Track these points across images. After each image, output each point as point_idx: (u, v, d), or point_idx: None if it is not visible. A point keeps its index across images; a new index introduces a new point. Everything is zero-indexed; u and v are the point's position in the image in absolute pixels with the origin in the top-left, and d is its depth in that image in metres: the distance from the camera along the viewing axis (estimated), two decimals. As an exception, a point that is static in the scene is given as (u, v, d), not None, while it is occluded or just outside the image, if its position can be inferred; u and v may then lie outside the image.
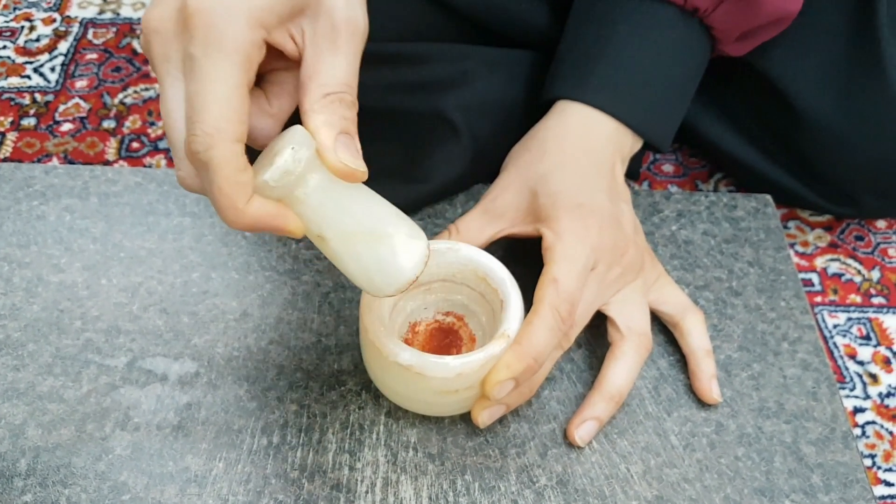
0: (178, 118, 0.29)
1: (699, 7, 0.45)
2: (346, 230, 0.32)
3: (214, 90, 0.28)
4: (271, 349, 0.45)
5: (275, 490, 0.40)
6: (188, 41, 0.28)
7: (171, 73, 0.28)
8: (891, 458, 0.51)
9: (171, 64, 0.28)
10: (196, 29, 0.28)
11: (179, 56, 0.28)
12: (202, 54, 0.28)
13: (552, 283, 0.39)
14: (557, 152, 0.44)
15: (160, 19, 0.29)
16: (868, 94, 0.52)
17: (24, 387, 0.43)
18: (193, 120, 0.27)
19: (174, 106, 0.28)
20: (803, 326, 0.48)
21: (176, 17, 0.28)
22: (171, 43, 0.28)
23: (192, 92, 0.28)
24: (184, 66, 0.28)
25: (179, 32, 0.28)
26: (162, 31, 0.29)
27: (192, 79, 0.28)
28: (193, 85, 0.28)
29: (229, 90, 0.28)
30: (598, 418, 0.42)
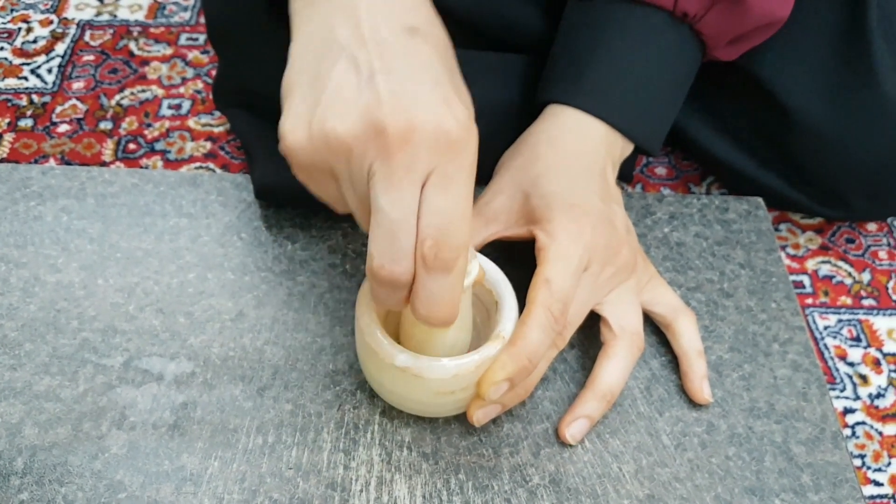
0: (412, 223, 0.31)
1: (689, 12, 0.46)
2: (462, 324, 0.40)
3: (467, 209, 0.32)
4: (267, 349, 0.46)
5: (270, 489, 0.40)
6: (446, 161, 0.31)
7: (413, 183, 0.31)
8: (880, 459, 0.52)
9: (415, 175, 0.31)
10: (457, 152, 0.31)
11: (427, 169, 0.31)
12: (459, 175, 0.31)
13: (545, 284, 0.39)
14: (549, 155, 0.44)
15: (413, 130, 0.30)
16: (858, 96, 0.53)
17: (21, 386, 0.43)
18: (447, 231, 0.31)
19: (409, 211, 0.31)
20: (794, 328, 0.49)
21: (432, 134, 0.31)
22: (421, 157, 0.31)
23: (445, 207, 0.31)
24: (432, 180, 0.31)
25: (434, 149, 0.31)
26: (414, 143, 0.30)
27: (446, 195, 0.31)
28: (447, 201, 0.31)
29: (470, 211, 0.32)
30: (590, 417, 0.42)
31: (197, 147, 0.64)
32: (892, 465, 0.51)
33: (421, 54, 0.32)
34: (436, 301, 0.33)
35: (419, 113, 0.31)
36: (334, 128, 0.31)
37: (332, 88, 0.31)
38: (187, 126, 0.65)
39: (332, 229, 0.52)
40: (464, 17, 0.53)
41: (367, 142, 0.31)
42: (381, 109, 0.30)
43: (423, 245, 0.31)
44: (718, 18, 0.46)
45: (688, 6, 0.45)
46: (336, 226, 0.52)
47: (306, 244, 0.51)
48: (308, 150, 0.32)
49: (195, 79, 0.69)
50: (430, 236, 0.31)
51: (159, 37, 0.73)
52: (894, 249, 0.62)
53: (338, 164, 0.32)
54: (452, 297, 0.33)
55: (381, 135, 0.30)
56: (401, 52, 0.32)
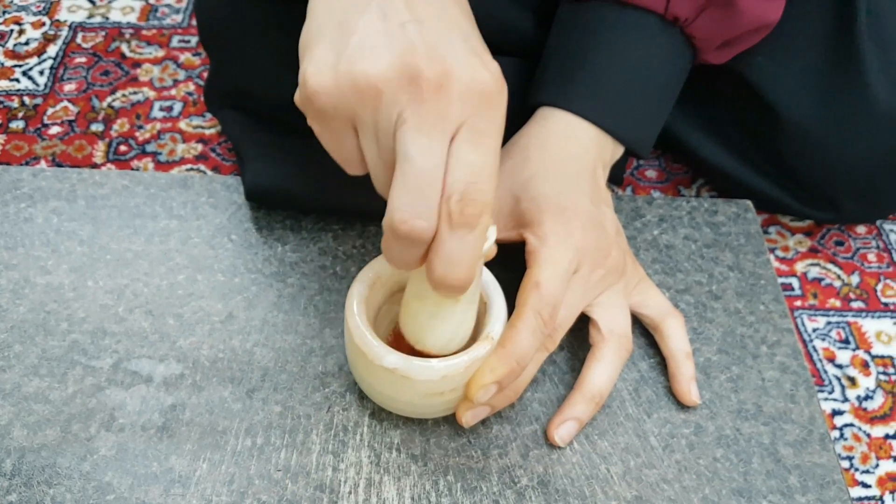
0: (439, 175, 0.30)
1: (680, 16, 0.46)
2: (472, 299, 0.38)
3: (496, 167, 0.31)
4: (256, 351, 0.46)
5: (258, 490, 0.40)
6: (479, 115, 0.30)
7: (444, 133, 0.30)
8: (868, 461, 0.52)
9: (447, 125, 0.30)
10: (491, 107, 0.30)
11: (459, 120, 0.30)
12: (491, 131, 0.30)
13: (535, 287, 0.39)
14: (540, 158, 0.45)
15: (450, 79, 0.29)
16: (848, 99, 0.53)
17: (10, 388, 0.43)
18: (475, 186, 0.30)
19: (438, 162, 0.30)
20: (782, 330, 0.49)
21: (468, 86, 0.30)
22: (454, 107, 0.30)
23: (476, 162, 0.30)
24: (463, 133, 0.30)
25: (468, 101, 0.30)
26: (450, 92, 0.29)
27: (477, 149, 0.30)
28: (477, 156, 0.30)
29: (497, 169, 0.31)
30: (578, 419, 0.42)
31: (188, 149, 0.64)
32: (880, 466, 0.52)
33: (448, 10, 0.32)
34: (456, 260, 0.31)
35: (454, 62, 0.29)
36: (365, 69, 0.29)
37: (362, 34, 0.30)
38: (179, 128, 0.65)
39: (322, 231, 0.52)
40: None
41: (400, 86, 0.29)
42: (416, 54, 0.29)
43: (449, 200, 0.30)
44: (709, 22, 0.46)
45: (679, 9, 0.46)
46: (327, 228, 0.52)
47: (297, 246, 0.51)
48: (333, 94, 0.30)
49: (187, 81, 0.69)
50: (457, 191, 0.30)
51: (151, 39, 0.73)
52: (883, 252, 0.62)
53: (363, 111, 0.30)
54: (473, 257, 0.31)
55: (415, 80, 0.29)
56: (430, 6, 0.31)
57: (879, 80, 0.52)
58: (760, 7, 0.46)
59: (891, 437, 0.53)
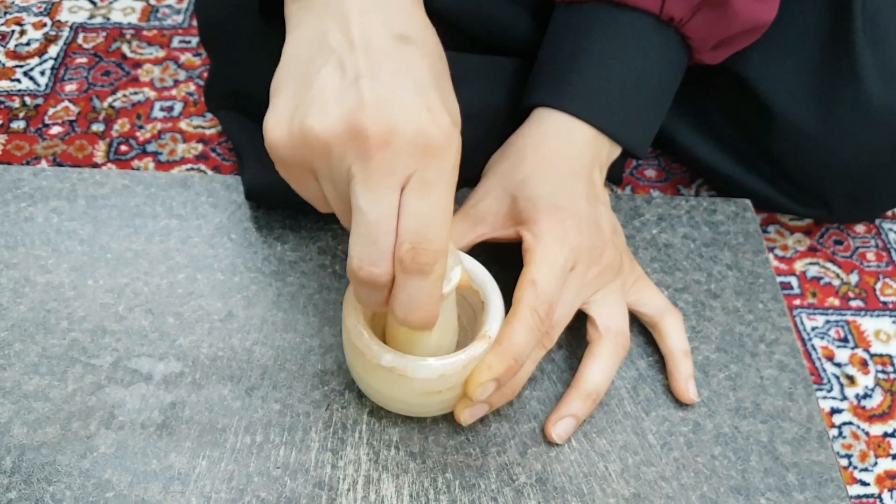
0: (391, 225, 0.31)
1: (675, 16, 0.46)
2: (446, 327, 0.39)
3: (447, 215, 0.32)
4: (256, 349, 0.46)
5: (257, 488, 0.41)
6: (425, 166, 0.31)
7: (392, 186, 0.31)
8: (867, 459, 0.52)
9: (394, 178, 0.31)
10: (437, 158, 0.31)
11: (406, 173, 0.31)
12: (439, 181, 0.32)
13: (531, 285, 0.40)
14: (536, 158, 0.45)
15: (393, 133, 0.31)
16: (843, 98, 0.53)
17: (10, 385, 0.43)
18: (425, 235, 0.31)
19: (388, 213, 0.31)
20: (780, 328, 0.49)
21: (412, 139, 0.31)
22: (401, 160, 0.31)
23: (424, 211, 0.31)
24: (412, 184, 0.31)
25: (414, 154, 0.31)
26: (394, 147, 0.31)
27: (425, 199, 0.31)
28: (426, 206, 0.31)
29: (450, 217, 0.32)
30: (576, 416, 0.43)
31: (188, 149, 0.64)
32: (878, 464, 0.52)
33: (409, 61, 0.33)
34: (414, 304, 0.33)
35: (401, 117, 0.31)
36: (313, 126, 0.31)
37: (316, 88, 0.32)
38: (179, 128, 0.65)
39: (321, 230, 0.52)
40: (453, 20, 0.54)
41: (347, 142, 0.31)
42: (363, 111, 0.31)
43: (400, 248, 0.32)
44: (704, 22, 0.47)
45: (674, 10, 0.46)
46: (326, 227, 0.52)
47: (296, 245, 0.51)
48: (288, 147, 0.32)
49: (187, 81, 0.69)
50: (407, 240, 0.31)
51: (152, 39, 0.73)
52: (882, 251, 0.62)
53: (317, 163, 0.32)
54: (430, 301, 0.33)
55: (360, 136, 0.30)
56: (389, 58, 0.32)
57: (874, 79, 0.52)
58: (754, 7, 0.47)
59: (889, 435, 0.53)
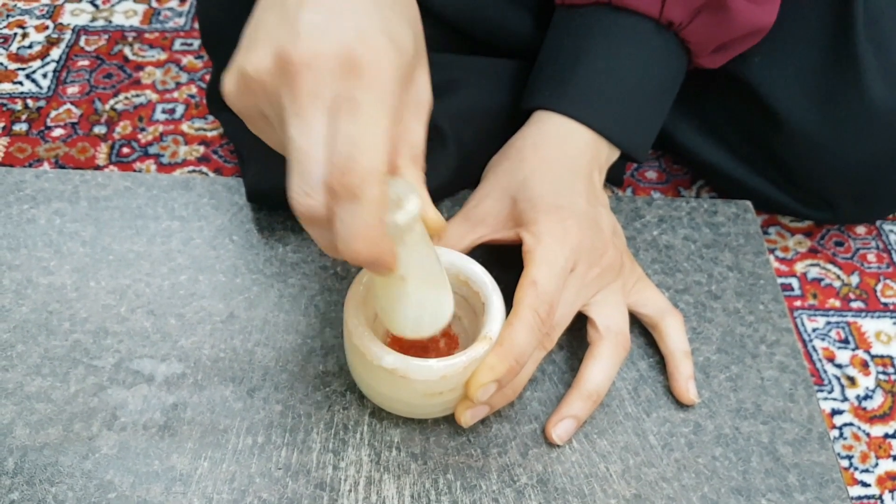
0: (321, 152, 0.30)
1: (674, 21, 0.46)
2: (424, 276, 0.36)
3: (377, 134, 0.30)
4: (257, 351, 0.46)
5: (259, 489, 0.41)
6: (351, 86, 0.30)
7: (319, 110, 0.30)
8: (868, 460, 0.52)
9: (320, 101, 0.30)
10: (363, 76, 0.30)
11: (332, 95, 0.30)
12: (368, 100, 0.30)
13: (531, 285, 0.40)
14: (535, 160, 0.45)
15: (317, 56, 0.30)
16: (845, 100, 0.53)
17: (13, 387, 0.44)
18: (354, 157, 0.29)
19: (317, 139, 0.30)
20: (781, 329, 0.49)
21: (336, 58, 0.30)
22: (325, 82, 0.30)
23: (351, 132, 0.30)
24: (340, 106, 0.30)
25: (339, 74, 0.30)
26: (317, 68, 0.30)
27: (352, 120, 0.30)
28: (354, 126, 0.30)
29: (386, 135, 0.30)
30: (576, 417, 0.43)
31: (190, 151, 0.64)
32: (879, 465, 0.52)
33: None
34: (351, 234, 0.30)
35: (325, 40, 0.30)
36: (246, 67, 0.31)
37: (256, 30, 0.31)
38: (181, 130, 0.66)
39: (323, 232, 0.52)
40: (455, 23, 0.54)
41: (276, 74, 0.30)
42: (290, 42, 0.30)
43: (329, 174, 0.30)
44: (704, 26, 0.47)
45: (673, 14, 0.46)
46: (327, 228, 0.52)
47: (297, 247, 0.51)
48: (236, 95, 0.32)
49: (189, 83, 0.69)
50: (335, 164, 0.30)
51: (154, 42, 0.73)
52: (883, 252, 0.62)
53: (262, 104, 0.32)
54: (368, 229, 0.30)
55: (286, 65, 0.30)
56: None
57: (876, 82, 0.52)
58: (754, 11, 0.47)
59: (890, 436, 0.53)
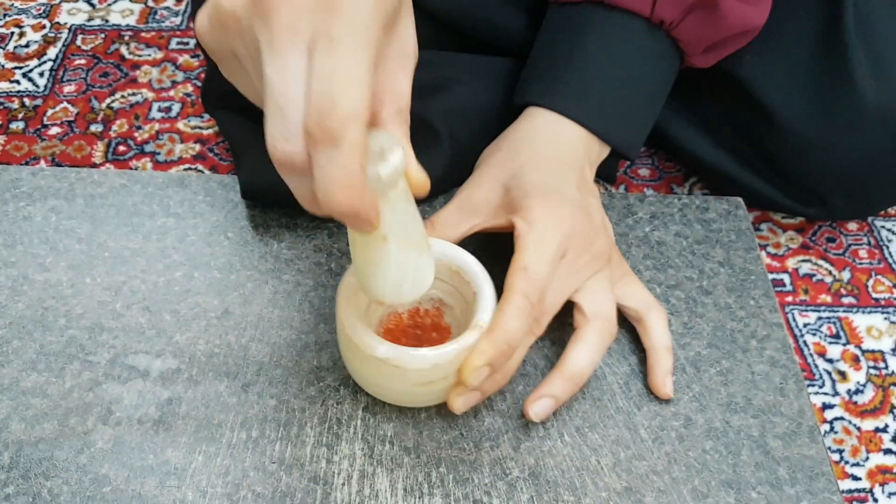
0: (298, 92, 0.28)
1: (665, 19, 0.47)
2: (406, 237, 0.35)
3: (357, 74, 0.28)
4: (252, 346, 0.46)
5: (253, 482, 0.41)
6: (330, 22, 0.28)
7: (297, 46, 0.28)
8: (858, 453, 0.52)
9: (298, 37, 0.28)
10: (342, 11, 0.28)
11: (310, 31, 0.28)
12: (347, 37, 0.28)
13: (522, 271, 0.40)
14: (528, 152, 0.45)
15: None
16: (836, 97, 0.54)
17: (9, 382, 0.44)
18: (333, 98, 0.27)
19: (295, 78, 0.28)
20: (772, 324, 0.50)
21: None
22: (303, 17, 0.28)
23: (329, 71, 0.28)
24: (317, 44, 0.28)
25: (316, 9, 0.28)
26: (294, 3, 0.28)
27: (330, 58, 0.28)
28: (332, 64, 0.28)
29: (367, 76, 0.28)
30: (555, 397, 0.43)
31: (186, 149, 0.64)
32: (870, 459, 0.52)
33: None
34: (330, 182, 0.28)
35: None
36: (221, 2, 0.29)
37: None
38: (177, 128, 0.66)
39: (317, 229, 0.52)
40: (449, 21, 0.54)
41: (251, 8, 0.29)
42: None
43: (308, 117, 0.28)
44: (695, 25, 0.47)
45: (664, 13, 0.46)
46: (322, 225, 0.52)
47: (292, 243, 0.51)
48: (209, 33, 0.31)
49: (185, 82, 0.70)
50: (313, 106, 0.28)
51: (150, 41, 0.73)
52: (874, 248, 0.63)
53: (234, 42, 0.30)
54: (348, 175, 0.28)
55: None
56: None
57: (867, 79, 0.53)
58: (744, 11, 0.47)
59: (881, 430, 0.53)
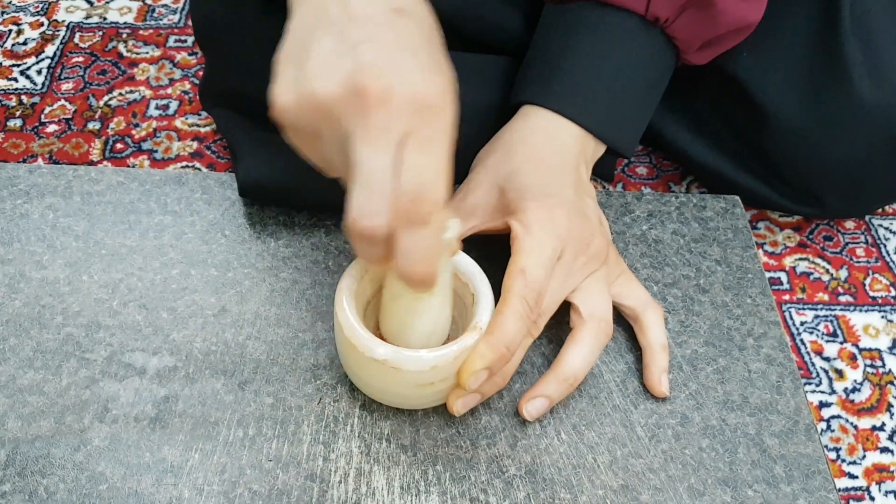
0: (388, 178, 0.33)
1: (660, 17, 0.47)
2: (446, 293, 0.40)
3: (444, 169, 0.33)
4: (249, 344, 0.46)
5: (249, 480, 0.41)
6: (423, 125, 0.33)
7: (390, 142, 0.32)
8: (855, 452, 0.52)
9: (392, 135, 0.32)
10: (435, 117, 0.33)
11: (403, 130, 0.32)
12: (438, 137, 0.33)
13: (520, 273, 0.40)
14: (523, 152, 0.45)
15: (391, 93, 0.32)
16: (832, 96, 0.54)
17: (5, 380, 0.44)
18: (425, 185, 0.33)
19: (386, 166, 0.32)
20: (768, 322, 0.50)
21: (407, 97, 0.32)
22: (399, 119, 0.32)
23: (424, 165, 0.33)
24: (409, 140, 0.33)
25: (412, 113, 0.32)
26: (391, 105, 0.32)
27: (424, 154, 0.33)
28: (424, 159, 0.33)
29: (447, 171, 0.33)
30: (549, 397, 0.43)
31: (184, 146, 0.64)
32: (866, 457, 0.52)
33: (405, 30, 0.34)
34: (416, 254, 0.34)
35: (398, 78, 0.32)
36: (316, 89, 0.33)
37: (319, 56, 0.33)
38: (174, 126, 0.66)
39: (315, 227, 0.52)
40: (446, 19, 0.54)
41: (348, 103, 0.32)
42: (362, 73, 0.32)
43: (401, 199, 0.33)
44: (689, 23, 0.47)
45: (659, 10, 0.46)
46: (319, 223, 0.52)
47: (289, 241, 0.52)
48: (295, 112, 0.34)
49: (183, 80, 0.70)
50: (407, 191, 0.32)
51: (148, 39, 0.73)
52: (871, 247, 0.63)
53: (322, 125, 0.34)
54: (431, 251, 0.34)
55: (360, 95, 0.32)
56: (385, 27, 0.34)
57: (863, 78, 0.53)
58: (740, 8, 0.47)
59: (878, 428, 0.53)
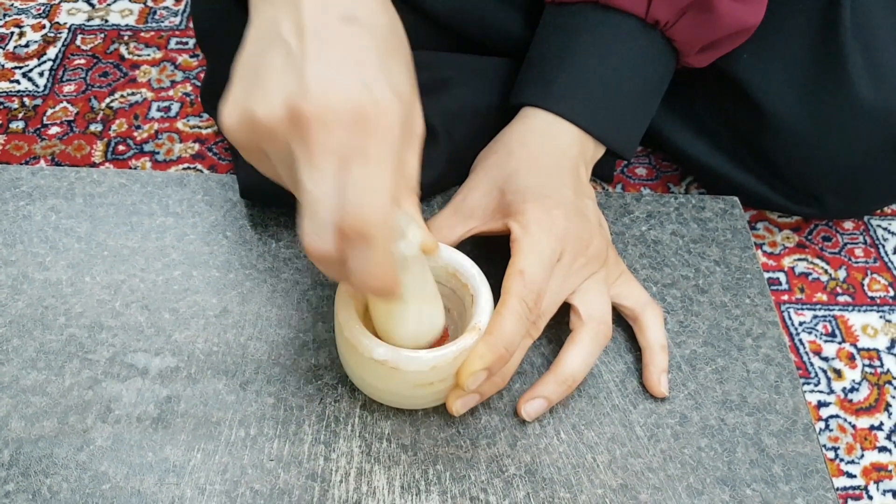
0: (332, 199, 0.32)
1: (660, 19, 0.47)
2: (422, 295, 0.39)
3: (384, 181, 0.32)
4: (250, 344, 0.47)
5: (251, 479, 0.41)
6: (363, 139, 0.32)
7: (331, 162, 0.32)
8: (853, 451, 0.53)
9: (333, 155, 0.32)
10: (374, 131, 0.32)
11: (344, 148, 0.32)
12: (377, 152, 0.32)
13: (519, 275, 0.40)
14: (523, 154, 0.46)
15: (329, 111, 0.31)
16: (832, 97, 0.54)
17: (9, 380, 0.44)
18: (362, 205, 0.32)
19: (329, 187, 0.32)
20: (767, 322, 0.50)
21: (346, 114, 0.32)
22: (338, 137, 0.32)
23: (361, 181, 0.32)
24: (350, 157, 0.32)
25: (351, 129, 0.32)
26: (329, 123, 0.31)
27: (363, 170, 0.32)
28: (364, 176, 0.32)
29: (392, 182, 0.33)
30: (548, 398, 0.43)
31: (185, 148, 0.65)
32: (865, 457, 0.52)
33: (353, 41, 0.33)
34: (366, 273, 0.33)
35: (337, 97, 0.32)
36: (256, 112, 0.32)
37: (263, 76, 0.33)
38: (176, 128, 0.66)
39: (315, 228, 0.53)
40: (447, 21, 0.54)
41: (288, 126, 0.32)
42: (301, 95, 0.31)
43: (344, 219, 0.32)
44: (689, 26, 0.47)
45: (659, 13, 0.47)
46: (320, 224, 0.53)
47: (290, 242, 0.52)
48: (239, 133, 0.34)
49: (184, 82, 0.70)
50: (346, 211, 0.32)
51: (149, 41, 0.74)
52: (870, 247, 0.63)
53: (266, 146, 0.33)
54: (381, 268, 0.33)
55: (299, 119, 0.31)
56: (333, 41, 0.33)
57: (863, 79, 0.53)
58: (739, 11, 0.47)
59: (876, 428, 0.54)
